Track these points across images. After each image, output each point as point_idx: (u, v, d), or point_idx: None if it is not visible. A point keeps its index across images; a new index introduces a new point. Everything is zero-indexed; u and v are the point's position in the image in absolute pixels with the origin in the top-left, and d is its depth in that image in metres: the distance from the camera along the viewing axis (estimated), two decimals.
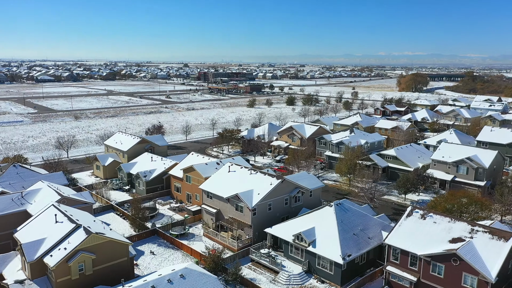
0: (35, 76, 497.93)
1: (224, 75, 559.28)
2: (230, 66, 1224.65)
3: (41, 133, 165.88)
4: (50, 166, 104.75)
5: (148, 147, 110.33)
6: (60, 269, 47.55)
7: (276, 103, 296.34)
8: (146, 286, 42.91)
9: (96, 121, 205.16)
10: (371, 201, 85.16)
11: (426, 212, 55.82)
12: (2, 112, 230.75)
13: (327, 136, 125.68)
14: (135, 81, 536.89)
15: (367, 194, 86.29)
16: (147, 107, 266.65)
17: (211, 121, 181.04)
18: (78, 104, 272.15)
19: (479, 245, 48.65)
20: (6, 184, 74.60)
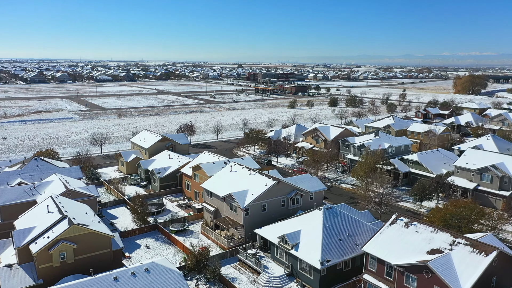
0: (95, 76, 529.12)
1: (273, 76, 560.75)
2: (284, 67, 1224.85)
3: (84, 130, 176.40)
4: (78, 160, 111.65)
5: (169, 145, 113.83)
6: (42, 256, 50.90)
7: (318, 104, 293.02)
8: (109, 277, 44.82)
9: (138, 119, 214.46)
10: (378, 206, 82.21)
11: (410, 221, 53.18)
12: (57, 109, 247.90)
13: (350, 138, 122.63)
14: (187, 81, 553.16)
15: (380, 199, 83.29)
16: (190, 106, 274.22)
17: (243, 121, 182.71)
18: (126, 103, 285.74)
19: (457, 258, 45.68)
20: (25, 176, 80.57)
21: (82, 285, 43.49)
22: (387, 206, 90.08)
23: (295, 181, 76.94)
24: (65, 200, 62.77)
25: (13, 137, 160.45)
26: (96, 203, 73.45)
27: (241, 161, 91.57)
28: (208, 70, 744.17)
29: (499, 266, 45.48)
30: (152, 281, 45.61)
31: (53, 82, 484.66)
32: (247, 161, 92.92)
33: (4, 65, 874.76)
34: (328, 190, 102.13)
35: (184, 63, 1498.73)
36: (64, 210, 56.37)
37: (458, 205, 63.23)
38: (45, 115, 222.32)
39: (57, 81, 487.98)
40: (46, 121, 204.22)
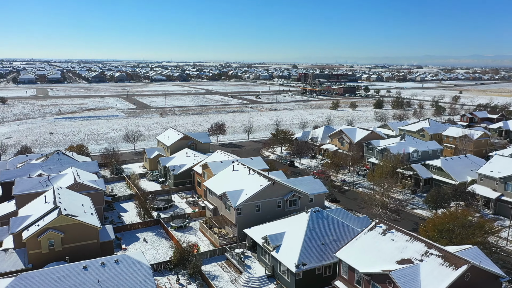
0: (151, 76, 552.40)
1: (325, 77, 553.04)
2: (340, 67, 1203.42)
3: (124, 127, 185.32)
4: (106, 156, 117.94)
5: (190, 144, 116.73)
6: (31, 242, 54.80)
7: (363, 106, 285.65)
8: (79, 266, 47.35)
9: (178, 117, 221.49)
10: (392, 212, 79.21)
11: (388, 228, 50.89)
12: (108, 107, 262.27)
13: (375, 141, 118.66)
14: (238, 82, 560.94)
15: (387, 205, 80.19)
16: (232, 106, 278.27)
17: (276, 122, 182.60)
18: (173, 102, 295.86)
19: (425, 270, 43.17)
20: (46, 168, 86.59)
21: (51, 271, 46.38)
22: (399, 214, 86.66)
23: (295, 182, 76.19)
24: (67, 192, 66.86)
25: (60, 132, 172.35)
26: (102, 196, 77.25)
27: (250, 161, 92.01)
28: (261, 71, 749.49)
29: (473, 281, 42.38)
30: (119, 272, 47.54)
31: (112, 81, 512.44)
32: (256, 161, 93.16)
33: (73, 66, 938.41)
34: (343, 194, 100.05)
35: (241, 63, 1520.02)
36: (59, 201, 60.16)
37: (453, 215, 59.33)
38: (94, 113, 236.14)
39: (116, 80, 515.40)
40: (94, 118, 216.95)
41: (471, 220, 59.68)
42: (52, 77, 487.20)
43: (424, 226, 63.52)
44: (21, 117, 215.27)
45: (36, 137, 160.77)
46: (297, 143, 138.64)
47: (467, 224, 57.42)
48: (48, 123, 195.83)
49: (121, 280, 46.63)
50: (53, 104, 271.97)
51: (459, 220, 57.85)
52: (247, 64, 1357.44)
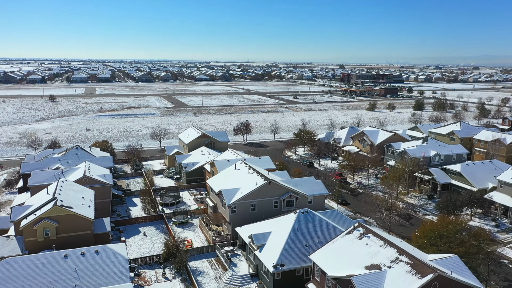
0: (194, 75, 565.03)
1: (368, 77, 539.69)
2: (390, 67, 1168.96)
3: (156, 125, 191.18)
4: (130, 152, 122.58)
5: (208, 142, 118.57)
6: (28, 230, 58.39)
7: (402, 108, 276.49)
8: (60, 254, 50.02)
9: (210, 116, 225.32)
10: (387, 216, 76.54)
11: (365, 232, 49.35)
12: (147, 106, 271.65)
13: (396, 144, 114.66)
14: (280, 82, 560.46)
15: (389, 209, 77.48)
16: (267, 106, 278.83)
17: (303, 122, 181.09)
18: (210, 101, 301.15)
19: (390, 277, 41.54)
20: (65, 162, 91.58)
21: (34, 258, 49.37)
22: (409, 219, 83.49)
23: (294, 183, 75.53)
24: (70, 184, 70.47)
25: (95, 129, 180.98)
26: (109, 189, 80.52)
27: (257, 161, 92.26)
28: (306, 71, 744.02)
29: None
30: (96, 262, 49.71)
31: (157, 81, 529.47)
32: (264, 160, 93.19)
33: (125, 66, 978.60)
34: (355, 197, 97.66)
35: (288, 64, 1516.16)
36: (58, 193, 63.57)
37: (445, 222, 56.32)
38: (132, 111, 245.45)
39: (161, 80, 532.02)
40: (131, 116, 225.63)
41: (465, 228, 56.31)
42: (102, 77, 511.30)
43: (419, 232, 60.76)
44: (65, 114, 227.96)
45: (73, 133, 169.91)
46: (320, 144, 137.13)
47: (458, 232, 54.28)
48: (88, 120, 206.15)
49: (97, 270, 48.71)
50: (97, 102, 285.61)
51: (450, 228, 54.83)
52: (293, 65, 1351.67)
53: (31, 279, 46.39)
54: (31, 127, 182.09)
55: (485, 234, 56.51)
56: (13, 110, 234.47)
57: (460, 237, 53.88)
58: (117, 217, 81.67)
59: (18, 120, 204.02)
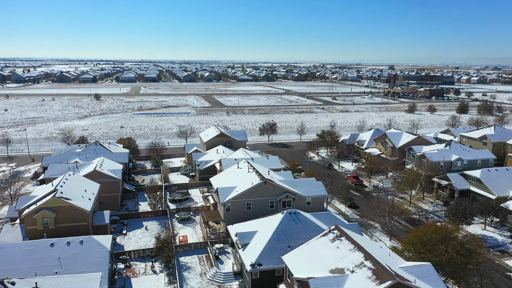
0: (238, 76, 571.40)
1: (416, 78, 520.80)
2: (444, 68, 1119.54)
3: (188, 123, 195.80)
4: (152, 150, 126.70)
5: (226, 141, 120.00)
6: (28, 219, 62.27)
7: (445, 110, 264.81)
8: (47, 242, 53.03)
9: (243, 116, 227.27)
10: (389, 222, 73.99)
11: (338, 235, 48.18)
12: (184, 105, 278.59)
13: (417, 147, 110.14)
14: (323, 83, 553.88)
15: (390, 213, 74.85)
16: (303, 107, 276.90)
17: (331, 124, 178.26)
18: (247, 101, 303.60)
19: (351, 282, 40.38)
20: (83, 157, 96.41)
21: (23, 244, 52.75)
22: (417, 225, 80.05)
23: (293, 183, 74.93)
24: (76, 177, 74.24)
25: (129, 126, 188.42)
26: (118, 184, 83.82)
27: (265, 160, 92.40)
28: (352, 72, 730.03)
29: None
30: (80, 252, 52.28)
31: (201, 81, 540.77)
32: (272, 160, 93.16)
33: (173, 66, 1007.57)
34: (368, 200, 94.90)
35: (336, 64, 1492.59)
36: (60, 185, 67.22)
37: (431, 229, 53.58)
38: (169, 110, 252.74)
39: (205, 80, 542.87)
40: (167, 114, 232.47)
41: (454, 236, 53.22)
42: (149, 77, 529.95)
43: (407, 238, 58.28)
44: (106, 111, 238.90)
45: (107, 130, 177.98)
46: (343, 145, 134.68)
47: (445, 240, 51.46)
48: (125, 118, 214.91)
49: (78, 259, 51.23)
50: (138, 101, 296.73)
51: (436, 234, 52.11)
52: (341, 65, 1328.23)
53: (17, 264, 49.59)
54: (71, 124, 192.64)
55: (475, 243, 53.13)
56: (59, 108, 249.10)
57: (443, 246, 51.02)
58: (125, 210, 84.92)
59: (62, 117, 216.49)
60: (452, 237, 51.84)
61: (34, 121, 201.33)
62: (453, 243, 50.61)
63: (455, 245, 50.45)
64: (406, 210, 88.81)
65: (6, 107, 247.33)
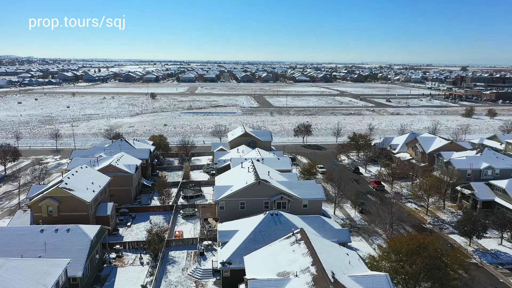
0: (295, 76, 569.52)
1: (485, 80, 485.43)
2: None
3: (228, 123, 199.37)
4: (182, 147, 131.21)
5: (250, 141, 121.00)
6: (34, 206, 67.73)
7: (509, 115, 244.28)
8: (38, 228, 57.53)
9: (285, 117, 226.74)
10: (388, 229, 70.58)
11: (298, 239, 47.27)
12: (233, 105, 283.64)
13: (446, 153, 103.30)
14: (382, 84, 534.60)
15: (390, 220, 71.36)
16: (352, 108, 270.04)
17: (369, 126, 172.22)
18: (296, 102, 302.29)
19: (290, 286, 39.66)
20: (108, 152, 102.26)
21: (16, 229, 57.66)
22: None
23: (292, 185, 74.11)
24: (88, 170, 79.24)
25: (172, 124, 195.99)
26: (131, 178, 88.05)
27: (276, 161, 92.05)
28: (417, 73, 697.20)
29: None
30: (65, 239, 56.14)
31: (258, 81, 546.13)
32: (282, 161, 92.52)
33: (235, 67, 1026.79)
34: (385, 207, 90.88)
35: (404, 65, 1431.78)
36: (67, 177, 72.28)
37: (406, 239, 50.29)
38: (217, 109, 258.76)
39: (262, 80, 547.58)
40: (213, 114, 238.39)
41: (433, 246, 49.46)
42: (208, 77, 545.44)
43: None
44: (157, 110, 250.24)
45: (150, 127, 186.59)
46: (375, 149, 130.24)
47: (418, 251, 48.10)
48: (172, 116, 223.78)
49: (61, 246, 55.04)
50: (190, 100, 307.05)
51: (412, 244, 48.90)
52: (408, 66, 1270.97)
53: (7, 246, 54.39)
54: (121, 121, 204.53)
55: (454, 255, 49.09)
56: (116, 106, 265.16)
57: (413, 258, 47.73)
58: (137, 204, 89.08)
59: (116, 114, 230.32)
60: (426, 247, 48.29)
61: (90, 118, 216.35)
62: (425, 255, 47.26)
63: (425, 257, 47.06)
64: (420, 218, 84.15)
65: (70, 104, 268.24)
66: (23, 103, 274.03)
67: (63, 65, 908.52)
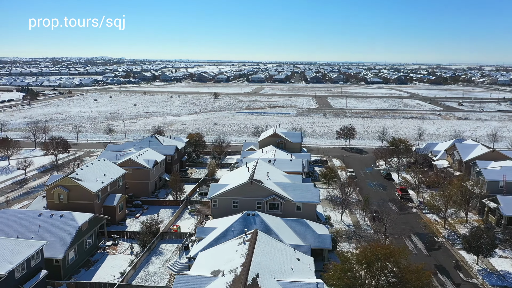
0: (366, 77, 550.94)
1: None
2: None
3: (276, 123, 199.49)
4: (217, 146, 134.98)
5: (279, 141, 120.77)
6: (48, 193, 74.79)
7: None
8: (36, 213, 63.69)
9: (339, 119, 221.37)
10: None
11: (246, 240, 47.17)
12: (291, 105, 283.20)
13: (482, 162, 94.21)
14: (464, 86, 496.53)
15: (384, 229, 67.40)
16: (415, 112, 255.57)
17: (418, 131, 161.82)
18: (358, 104, 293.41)
19: (212, 285, 39.97)
20: (138, 147, 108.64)
21: (19, 212, 64.50)
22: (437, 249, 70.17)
23: (287, 187, 73.24)
24: (104, 163, 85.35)
25: (222, 124, 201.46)
26: (148, 173, 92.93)
27: (288, 162, 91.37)
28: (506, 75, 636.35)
29: None
30: (56, 224, 61.56)
31: (328, 82, 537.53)
32: (294, 162, 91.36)
33: (310, 67, 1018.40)
34: (403, 216, 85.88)
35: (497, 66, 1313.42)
36: (81, 168, 78.67)
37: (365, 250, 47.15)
38: (273, 110, 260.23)
39: (331, 81, 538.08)
40: (267, 114, 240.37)
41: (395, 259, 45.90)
42: (277, 77, 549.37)
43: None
44: (215, 109, 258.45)
45: (201, 126, 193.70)
46: (416, 155, 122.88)
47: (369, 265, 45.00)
48: (226, 116, 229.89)
49: (52, 230, 60.43)
50: (251, 100, 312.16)
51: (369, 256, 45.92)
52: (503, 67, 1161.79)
53: (7, 226, 60.96)
54: (176, 119, 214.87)
55: (412, 272, 45.07)
56: (178, 104, 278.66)
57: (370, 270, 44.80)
58: (154, 197, 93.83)
59: (176, 112, 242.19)
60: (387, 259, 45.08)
61: (151, 115, 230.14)
62: (377, 266, 44.23)
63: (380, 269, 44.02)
64: (436, 231, 78.20)
65: (137, 102, 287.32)
66: (98, 100, 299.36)
67: (148, 65, 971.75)
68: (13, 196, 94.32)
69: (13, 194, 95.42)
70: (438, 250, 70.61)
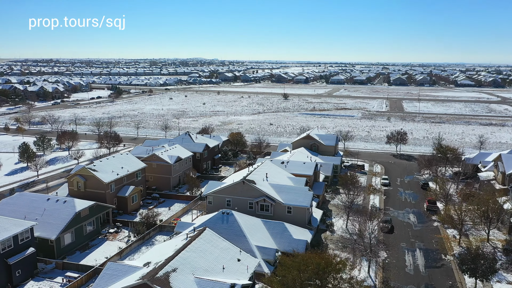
0: (456, 80, 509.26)
1: None
2: None
3: (333, 125, 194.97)
4: (256, 146, 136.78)
5: (312, 144, 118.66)
6: (69, 181, 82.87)
7: None
8: (46, 197, 71.09)
9: (405, 123, 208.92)
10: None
11: (189, 236, 48.15)
12: (359, 108, 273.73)
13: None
14: None
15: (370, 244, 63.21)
16: (496, 118, 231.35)
17: (479, 138, 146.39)
18: (434, 108, 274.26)
19: (135, 274, 41.80)
20: (171, 144, 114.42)
21: (32, 195, 72.58)
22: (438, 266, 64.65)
23: (281, 189, 72.50)
24: (125, 156, 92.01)
25: (278, 124, 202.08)
26: (170, 168, 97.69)
27: (301, 165, 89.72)
28: None
29: None
30: (59, 208, 68.48)
31: (413, 84, 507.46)
32: (306, 165, 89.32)
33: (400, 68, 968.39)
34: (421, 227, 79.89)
35: None
36: (100, 160, 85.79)
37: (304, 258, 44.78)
38: (338, 112, 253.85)
39: (416, 84, 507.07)
40: (329, 116, 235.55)
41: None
42: (357, 79, 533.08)
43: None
44: (279, 110, 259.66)
45: (256, 126, 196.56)
46: (465, 165, 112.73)
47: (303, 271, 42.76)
48: (286, 116, 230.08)
49: (53, 213, 67.31)
50: (320, 101, 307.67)
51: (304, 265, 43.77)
52: None
53: (20, 207, 69.11)
54: (238, 118, 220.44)
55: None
56: (245, 104, 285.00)
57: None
58: (175, 192, 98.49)
59: (239, 112, 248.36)
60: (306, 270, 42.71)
61: (215, 114, 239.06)
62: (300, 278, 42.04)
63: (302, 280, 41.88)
64: (448, 248, 71.45)
65: (208, 101, 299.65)
66: (174, 99, 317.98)
67: (236, 66, 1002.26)
68: (60, 182, 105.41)
69: (58, 182, 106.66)
70: (438, 269, 64.62)
